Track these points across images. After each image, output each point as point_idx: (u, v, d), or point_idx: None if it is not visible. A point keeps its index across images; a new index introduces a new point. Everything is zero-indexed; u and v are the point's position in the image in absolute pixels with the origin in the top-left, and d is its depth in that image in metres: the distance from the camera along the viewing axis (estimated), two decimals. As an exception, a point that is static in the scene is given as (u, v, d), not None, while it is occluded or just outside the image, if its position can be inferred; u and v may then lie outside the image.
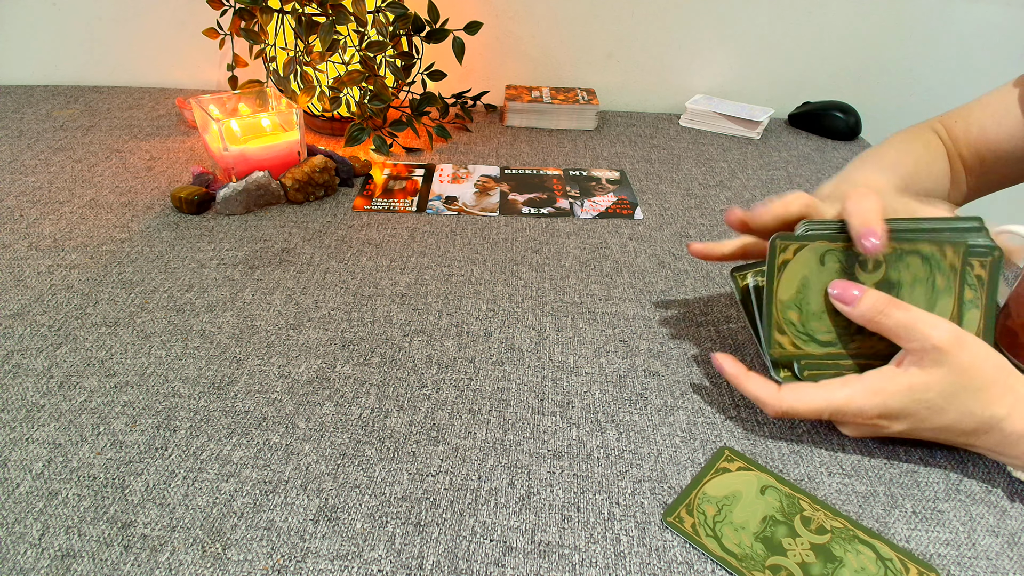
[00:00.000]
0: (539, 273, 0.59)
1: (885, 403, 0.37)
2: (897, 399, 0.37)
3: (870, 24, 0.95)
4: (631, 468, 0.41)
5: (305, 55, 0.73)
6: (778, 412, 0.40)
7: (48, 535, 0.35)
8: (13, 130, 0.82)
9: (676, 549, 0.36)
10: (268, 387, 0.46)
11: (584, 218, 0.69)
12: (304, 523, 0.37)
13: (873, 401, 0.38)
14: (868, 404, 0.38)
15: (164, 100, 0.93)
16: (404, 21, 0.74)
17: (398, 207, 0.69)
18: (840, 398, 0.38)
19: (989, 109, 0.59)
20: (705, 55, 0.98)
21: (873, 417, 0.38)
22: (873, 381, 0.38)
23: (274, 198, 0.68)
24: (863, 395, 0.38)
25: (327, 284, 0.56)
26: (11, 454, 0.40)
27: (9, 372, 0.46)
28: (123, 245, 0.60)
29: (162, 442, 0.41)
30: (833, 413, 0.39)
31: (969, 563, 0.36)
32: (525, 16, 0.95)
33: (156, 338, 0.49)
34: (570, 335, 0.52)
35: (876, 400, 0.38)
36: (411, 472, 0.40)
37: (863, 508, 0.39)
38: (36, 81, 0.98)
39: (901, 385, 0.37)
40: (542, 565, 0.35)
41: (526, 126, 0.92)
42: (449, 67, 0.88)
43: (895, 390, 0.37)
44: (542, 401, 0.46)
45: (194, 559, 0.34)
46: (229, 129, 0.65)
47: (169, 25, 0.94)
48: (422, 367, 0.48)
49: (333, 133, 0.85)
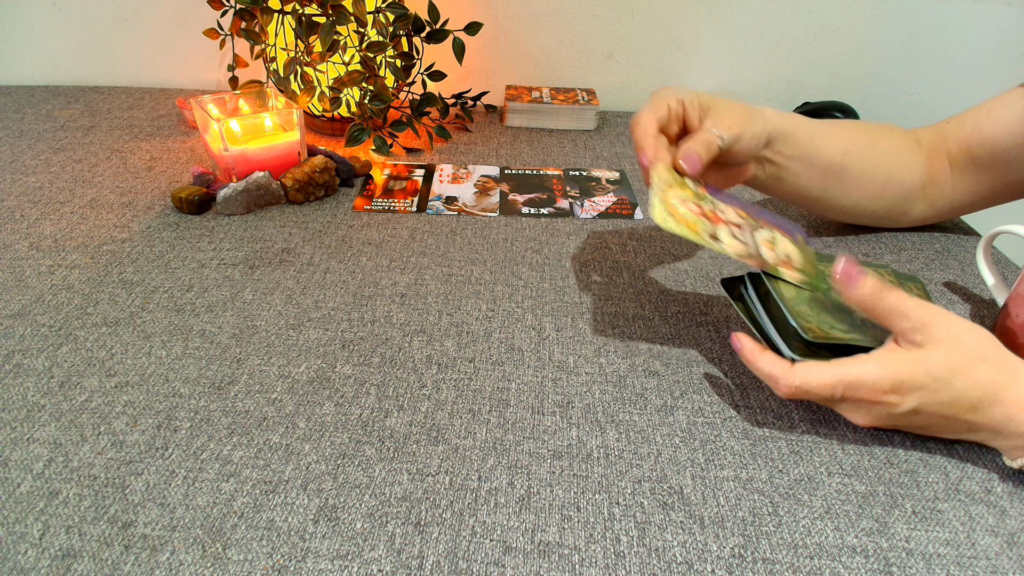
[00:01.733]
0: (539, 273, 0.59)
1: (897, 372, 0.38)
2: (907, 371, 0.38)
3: (870, 24, 0.95)
4: (631, 468, 0.41)
5: (305, 55, 0.73)
6: (791, 389, 0.40)
7: (48, 535, 0.35)
8: (13, 130, 0.82)
9: (676, 549, 0.36)
10: (268, 387, 0.46)
11: (584, 218, 0.69)
12: (304, 523, 0.37)
13: (885, 371, 0.38)
14: (881, 376, 0.38)
15: (164, 100, 0.94)
16: (404, 21, 0.74)
17: (398, 207, 0.69)
18: (854, 372, 0.39)
19: (986, 107, 0.59)
20: (705, 55, 0.98)
21: (886, 391, 0.38)
22: (883, 355, 0.39)
23: (274, 198, 0.68)
24: (876, 367, 0.38)
25: (327, 284, 0.56)
26: (12, 454, 0.40)
27: (10, 372, 0.46)
28: (123, 245, 0.60)
29: (162, 442, 0.41)
30: (847, 387, 0.39)
31: (969, 563, 0.36)
32: (525, 16, 0.95)
33: (156, 338, 0.50)
34: (570, 335, 0.52)
35: (887, 370, 0.38)
36: (411, 472, 0.40)
37: (863, 508, 0.39)
38: (36, 81, 0.98)
39: (908, 358, 0.38)
40: (542, 565, 0.35)
41: (526, 126, 0.92)
42: (449, 67, 0.88)
43: (904, 362, 0.38)
44: (542, 401, 0.46)
45: (194, 559, 0.34)
46: (229, 129, 0.65)
47: (169, 25, 0.94)
48: (422, 367, 0.48)
49: (333, 133, 0.85)
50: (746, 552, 0.36)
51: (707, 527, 0.37)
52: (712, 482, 0.40)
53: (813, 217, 0.71)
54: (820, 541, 0.37)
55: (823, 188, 0.59)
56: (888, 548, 0.37)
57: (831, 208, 0.62)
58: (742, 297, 0.47)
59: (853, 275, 0.40)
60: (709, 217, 0.45)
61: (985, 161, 0.58)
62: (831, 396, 0.40)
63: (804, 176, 0.57)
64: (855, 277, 0.40)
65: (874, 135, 0.60)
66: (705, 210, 0.45)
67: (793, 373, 0.40)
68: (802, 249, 0.47)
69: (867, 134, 0.60)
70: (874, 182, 0.60)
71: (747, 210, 0.48)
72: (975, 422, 0.39)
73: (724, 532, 0.37)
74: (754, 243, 0.45)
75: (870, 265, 0.48)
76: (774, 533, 0.37)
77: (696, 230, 0.42)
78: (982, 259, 0.57)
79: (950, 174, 0.61)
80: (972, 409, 0.38)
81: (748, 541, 0.37)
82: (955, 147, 0.60)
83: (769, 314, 0.45)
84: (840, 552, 0.36)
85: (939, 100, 0.99)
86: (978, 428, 0.39)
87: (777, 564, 0.36)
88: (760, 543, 0.37)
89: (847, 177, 0.59)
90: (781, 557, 0.36)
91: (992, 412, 0.38)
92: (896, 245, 0.66)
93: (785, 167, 0.56)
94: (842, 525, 0.38)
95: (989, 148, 0.58)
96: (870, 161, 0.59)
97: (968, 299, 0.59)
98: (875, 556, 0.36)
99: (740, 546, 0.37)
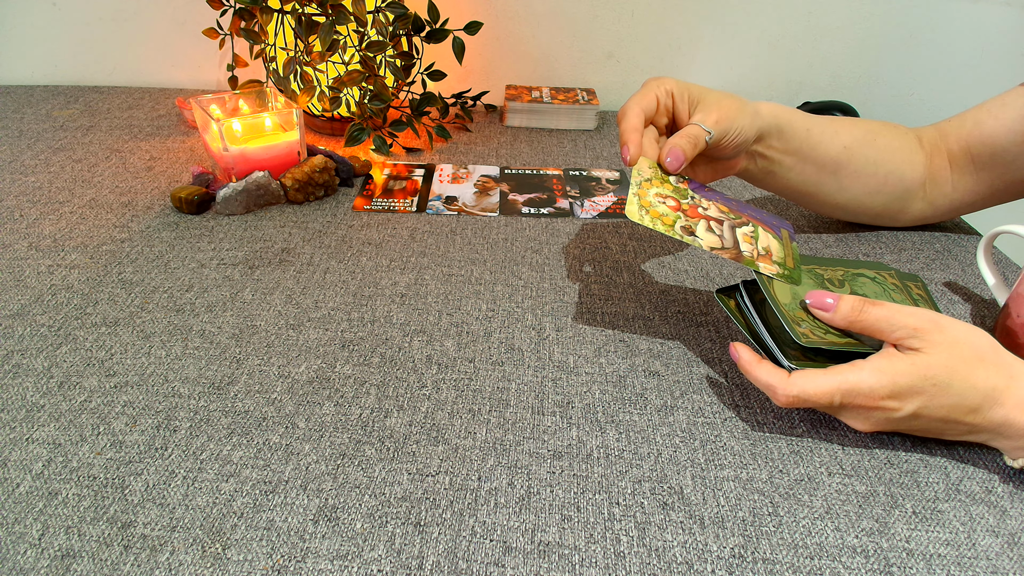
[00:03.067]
0: (539, 273, 0.59)
1: (894, 380, 0.38)
2: (905, 377, 0.38)
3: (870, 24, 0.95)
4: (631, 468, 0.41)
5: (305, 55, 0.73)
6: (789, 398, 0.39)
7: (48, 535, 0.35)
8: (13, 130, 0.82)
9: (676, 549, 0.36)
10: (268, 387, 0.46)
11: (584, 218, 0.69)
12: (304, 523, 0.37)
13: (882, 380, 0.38)
14: (878, 383, 0.38)
15: (164, 100, 0.94)
16: (404, 21, 0.74)
17: (398, 207, 0.69)
18: (851, 380, 0.38)
19: (986, 107, 0.58)
20: (705, 55, 0.98)
21: (884, 397, 0.38)
22: (879, 361, 0.39)
23: (274, 198, 0.68)
24: (872, 374, 0.38)
25: (327, 284, 0.56)
26: (11, 454, 0.40)
27: (9, 372, 0.46)
28: (123, 245, 0.60)
29: (162, 442, 0.41)
30: (844, 395, 0.39)
31: (969, 563, 0.36)
32: (525, 16, 0.95)
33: (156, 338, 0.49)
34: (570, 335, 0.52)
35: (885, 378, 0.38)
36: (411, 472, 0.40)
37: (863, 508, 0.39)
38: (36, 81, 0.98)
39: (905, 363, 0.38)
40: (542, 565, 0.35)
41: (526, 126, 0.92)
42: (449, 67, 0.88)
43: (902, 367, 0.38)
44: (542, 401, 0.46)
45: (194, 559, 0.34)
46: (229, 129, 0.65)
47: (169, 25, 0.94)
48: (422, 367, 0.48)
49: (333, 133, 0.85)
50: (746, 552, 0.36)
51: (707, 527, 0.37)
52: (712, 482, 0.40)
53: (813, 217, 0.71)
54: (820, 541, 0.37)
55: (817, 183, 0.59)
56: (888, 548, 0.37)
57: (826, 204, 0.62)
58: (739, 307, 0.47)
59: (824, 303, 0.41)
60: (687, 212, 0.45)
61: (985, 160, 0.58)
62: (830, 404, 0.39)
63: (797, 171, 0.58)
64: (827, 305, 0.40)
65: (875, 131, 0.60)
66: (683, 205, 0.45)
67: (791, 383, 0.39)
68: (785, 244, 0.47)
69: (867, 130, 0.60)
70: (873, 177, 0.60)
71: (730, 205, 0.48)
72: (975, 424, 0.39)
73: (724, 532, 0.37)
74: (732, 237, 0.45)
75: (871, 264, 0.48)
76: (774, 533, 0.37)
77: (670, 224, 0.42)
78: (982, 259, 0.57)
79: (950, 172, 0.61)
80: (972, 412, 0.38)
81: (748, 541, 0.37)
82: (956, 145, 0.60)
83: (765, 321, 0.44)
84: (840, 552, 0.36)
85: (939, 100, 0.99)
86: (979, 430, 0.39)
87: (777, 564, 0.36)
88: (760, 543, 0.37)
89: (844, 172, 0.59)
90: (781, 557, 0.36)
91: (992, 414, 0.38)
92: (896, 245, 0.66)
93: (778, 162, 0.56)
94: (842, 525, 0.38)
95: (989, 147, 0.58)
96: (869, 156, 0.59)
97: (968, 299, 0.59)
98: (875, 556, 0.36)
99: (740, 546, 0.36)
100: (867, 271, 0.47)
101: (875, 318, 0.39)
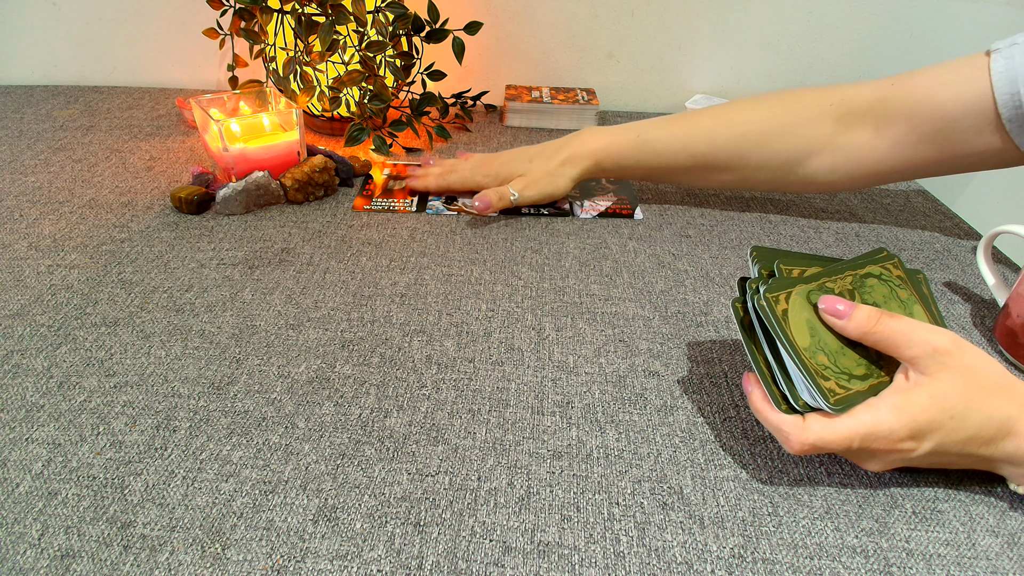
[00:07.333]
0: (539, 273, 0.59)
1: (914, 419, 0.36)
2: (924, 413, 0.36)
3: (870, 25, 0.95)
4: (631, 468, 0.41)
5: (305, 55, 0.73)
6: (804, 445, 0.37)
7: (47, 535, 0.35)
8: (13, 130, 0.82)
9: (676, 549, 0.36)
10: (268, 387, 0.46)
11: (584, 218, 0.69)
12: (304, 523, 0.37)
13: (902, 419, 0.36)
14: (897, 423, 0.36)
15: (164, 100, 0.94)
16: (404, 21, 0.74)
17: (398, 207, 0.69)
18: (868, 422, 0.36)
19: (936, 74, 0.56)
20: (705, 55, 0.98)
21: (904, 438, 0.36)
22: (895, 399, 0.36)
23: (274, 198, 0.68)
24: (890, 414, 0.36)
25: (327, 284, 0.56)
26: (11, 454, 0.40)
27: (9, 372, 0.46)
28: (123, 245, 0.60)
29: (162, 442, 0.41)
30: (864, 439, 0.36)
31: (969, 563, 0.36)
32: (525, 16, 0.95)
33: (156, 338, 0.49)
34: (570, 335, 0.52)
35: (904, 418, 0.36)
36: (411, 472, 0.40)
37: (863, 508, 0.39)
38: (36, 81, 0.98)
39: (922, 396, 0.36)
40: (542, 565, 0.35)
41: (526, 126, 0.92)
42: (449, 67, 0.88)
43: (919, 402, 0.36)
44: (542, 401, 0.46)
45: (194, 559, 0.34)
46: (229, 129, 0.65)
47: (169, 25, 0.94)
48: (422, 367, 0.48)
49: (333, 133, 0.85)
50: (746, 552, 0.36)
51: (707, 527, 0.37)
52: (712, 482, 0.40)
53: (813, 216, 0.71)
54: (820, 541, 0.37)
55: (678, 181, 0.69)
56: (888, 548, 0.37)
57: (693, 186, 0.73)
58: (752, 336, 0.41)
59: (835, 310, 0.38)
60: None
61: (928, 129, 0.56)
62: (847, 449, 0.37)
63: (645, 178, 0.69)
64: (840, 312, 0.38)
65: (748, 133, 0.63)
66: None
67: (807, 430, 0.37)
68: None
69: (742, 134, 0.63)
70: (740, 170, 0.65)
71: None
72: (988, 456, 0.37)
73: (724, 532, 0.37)
74: None
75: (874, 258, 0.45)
76: (774, 533, 0.37)
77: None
78: (982, 259, 0.57)
79: (877, 141, 0.59)
80: (986, 444, 0.37)
81: (748, 541, 0.37)
82: (899, 112, 0.57)
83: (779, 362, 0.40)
84: (840, 552, 0.36)
85: (939, 100, 0.99)
86: (990, 461, 0.38)
87: (777, 564, 0.36)
88: (760, 543, 0.37)
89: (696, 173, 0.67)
90: (781, 557, 0.36)
91: (1005, 445, 0.37)
92: (896, 245, 0.66)
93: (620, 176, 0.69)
94: (842, 525, 0.38)
95: (939, 116, 0.55)
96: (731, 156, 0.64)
97: (968, 299, 0.59)
98: (875, 556, 0.36)
99: (740, 546, 0.36)
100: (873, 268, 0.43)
101: (892, 331, 0.37)
